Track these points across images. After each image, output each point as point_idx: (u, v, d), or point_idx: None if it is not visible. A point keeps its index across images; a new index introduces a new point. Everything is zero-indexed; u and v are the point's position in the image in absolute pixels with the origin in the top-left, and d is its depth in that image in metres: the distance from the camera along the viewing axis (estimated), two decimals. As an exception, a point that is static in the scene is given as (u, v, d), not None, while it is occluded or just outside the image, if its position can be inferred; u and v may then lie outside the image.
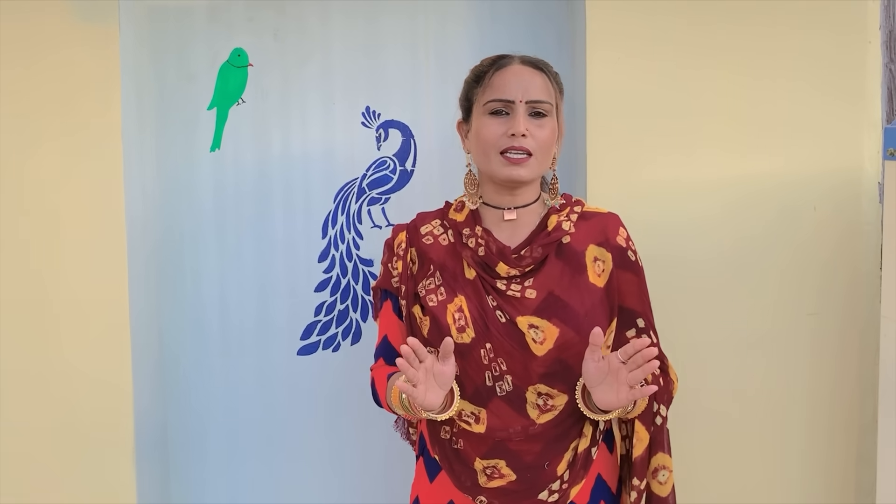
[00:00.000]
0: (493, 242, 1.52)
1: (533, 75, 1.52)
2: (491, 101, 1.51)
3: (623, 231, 1.58)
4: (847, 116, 1.92)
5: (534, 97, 1.50)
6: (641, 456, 1.52)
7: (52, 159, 1.93)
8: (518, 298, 1.49)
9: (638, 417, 1.52)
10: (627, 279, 1.55)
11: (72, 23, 1.90)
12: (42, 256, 1.95)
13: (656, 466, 1.54)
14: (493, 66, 1.53)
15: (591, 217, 1.58)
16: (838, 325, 1.95)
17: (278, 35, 2.11)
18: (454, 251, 1.56)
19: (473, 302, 1.50)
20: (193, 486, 2.21)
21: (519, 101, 1.49)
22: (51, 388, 1.96)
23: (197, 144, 2.14)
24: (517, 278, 1.51)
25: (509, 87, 1.50)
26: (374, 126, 2.15)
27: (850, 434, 1.96)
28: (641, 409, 1.51)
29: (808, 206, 1.93)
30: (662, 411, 1.54)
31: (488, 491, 1.49)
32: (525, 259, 1.51)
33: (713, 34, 1.91)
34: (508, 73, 1.52)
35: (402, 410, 1.50)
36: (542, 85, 1.51)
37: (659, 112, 1.92)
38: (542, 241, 1.52)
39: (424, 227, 1.61)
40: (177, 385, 2.19)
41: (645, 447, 1.52)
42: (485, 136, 1.50)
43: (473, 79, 1.56)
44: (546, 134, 1.51)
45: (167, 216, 2.15)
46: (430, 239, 1.59)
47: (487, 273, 1.52)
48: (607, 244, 1.55)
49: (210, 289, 2.17)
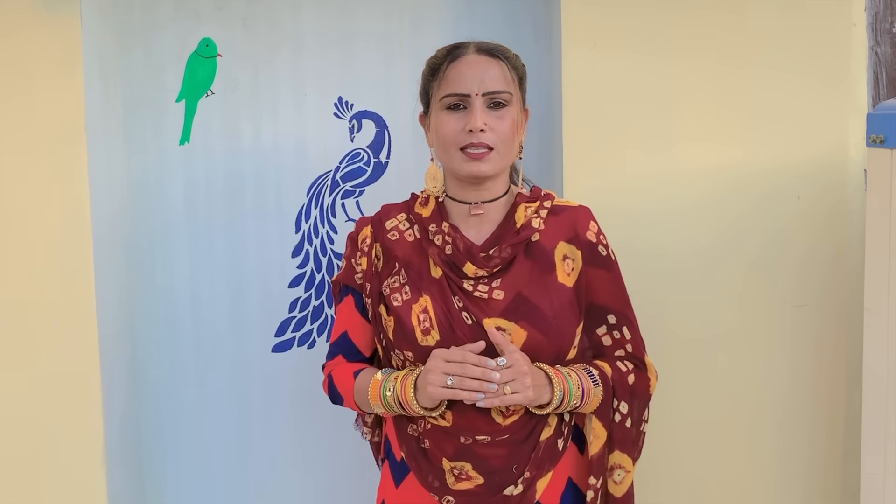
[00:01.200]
0: (461, 240, 1.47)
1: (489, 64, 1.45)
2: (446, 95, 1.45)
3: (594, 225, 1.53)
4: (831, 102, 1.86)
5: (490, 88, 1.44)
6: (598, 453, 1.47)
7: (12, 154, 1.88)
8: (485, 300, 1.45)
9: (595, 413, 1.47)
10: (598, 275, 1.50)
11: (32, 12, 1.85)
12: (4, 254, 1.90)
13: (612, 465, 1.49)
14: (447, 58, 1.47)
15: (561, 212, 1.53)
16: (824, 317, 1.90)
17: (247, 23, 2.06)
18: (420, 248, 1.51)
19: (439, 303, 1.45)
20: (168, 486, 2.17)
21: (475, 95, 1.43)
22: (17, 387, 1.92)
23: (165, 138, 2.09)
24: (484, 279, 1.46)
25: (464, 79, 1.44)
26: (346, 117, 2.10)
27: (835, 430, 1.92)
28: (595, 404, 1.46)
29: (792, 195, 1.88)
30: (622, 408, 1.48)
31: (456, 493, 1.45)
32: (493, 259, 1.46)
33: (689, 20, 1.86)
34: (463, 65, 1.45)
35: (381, 409, 1.46)
36: (498, 74, 1.45)
37: (636, 103, 1.87)
38: (510, 241, 1.47)
39: (389, 221, 1.56)
40: (149, 383, 2.15)
41: (602, 444, 1.47)
42: (443, 132, 1.45)
43: (429, 72, 1.51)
44: (506, 125, 1.45)
45: (136, 211, 2.10)
46: (395, 234, 1.54)
47: (454, 272, 1.47)
48: (577, 240, 1.50)
49: (182, 285, 2.13)
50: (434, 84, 1.48)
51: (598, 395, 1.46)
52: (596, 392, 1.45)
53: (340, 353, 1.59)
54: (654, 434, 1.60)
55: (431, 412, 1.42)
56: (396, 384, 1.43)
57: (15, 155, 1.89)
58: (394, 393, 1.43)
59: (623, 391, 1.48)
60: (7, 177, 1.89)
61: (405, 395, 1.42)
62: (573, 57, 1.87)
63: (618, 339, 1.52)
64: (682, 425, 1.90)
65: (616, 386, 1.48)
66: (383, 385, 1.45)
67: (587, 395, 1.44)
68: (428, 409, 1.42)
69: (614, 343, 1.52)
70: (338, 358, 1.59)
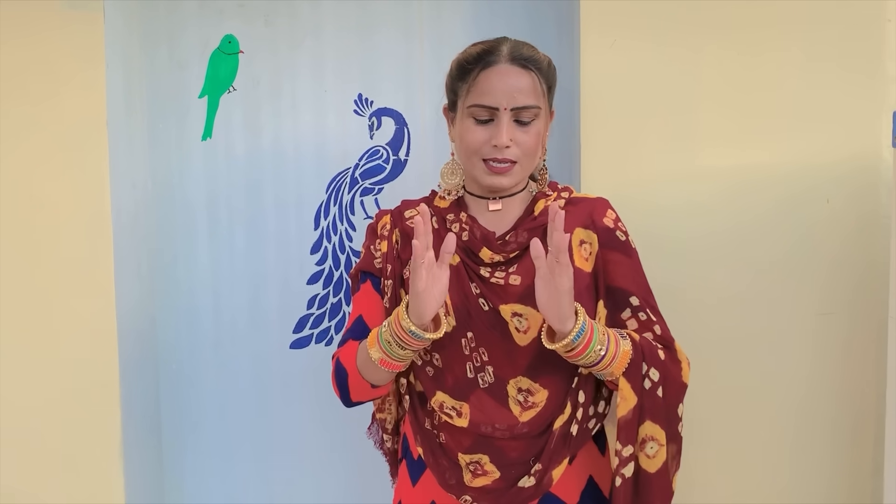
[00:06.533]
0: (478, 228, 1.47)
1: (520, 77, 1.41)
2: (474, 105, 1.42)
3: (611, 213, 1.50)
4: (863, 101, 1.77)
5: (519, 104, 1.40)
6: (626, 418, 1.37)
7: (36, 149, 1.92)
8: (502, 286, 1.43)
9: (623, 374, 1.37)
10: (615, 259, 1.46)
11: (55, 10, 1.88)
12: (25, 248, 1.94)
13: (644, 437, 1.39)
14: (478, 64, 1.43)
15: (579, 202, 1.51)
16: (852, 326, 1.80)
17: (269, 20, 2.07)
18: (438, 237, 1.49)
19: (456, 289, 1.44)
20: (186, 481, 2.19)
21: (503, 109, 1.40)
22: (36, 382, 1.96)
23: (188, 133, 2.11)
24: (501, 265, 1.45)
25: (495, 92, 1.40)
26: (366, 114, 2.09)
27: (863, 443, 1.82)
28: (624, 361, 1.37)
29: (821, 197, 1.79)
30: (653, 375, 1.39)
31: (473, 490, 1.43)
32: (510, 244, 1.45)
33: (712, 14, 1.79)
34: (494, 76, 1.41)
35: (379, 353, 1.37)
36: (529, 87, 1.41)
37: (657, 99, 1.81)
38: (527, 226, 1.46)
39: (409, 211, 1.56)
40: (169, 379, 2.17)
41: (631, 408, 1.37)
42: (468, 142, 1.43)
43: (458, 72, 1.46)
44: (531, 139, 1.42)
45: (157, 207, 2.13)
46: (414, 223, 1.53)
47: (471, 259, 1.46)
48: (593, 225, 1.47)
49: (202, 280, 2.15)
50: (462, 87, 1.45)
51: (627, 349, 1.37)
52: (624, 346, 1.36)
53: (352, 338, 1.50)
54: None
55: (427, 334, 1.35)
56: (391, 317, 1.38)
57: (39, 150, 1.92)
58: (389, 327, 1.37)
59: (653, 358, 1.39)
60: (31, 172, 1.93)
61: (398, 315, 1.35)
62: (592, 52, 1.82)
63: (644, 320, 1.45)
64: (696, 435, 1.83)
65: (645, 350, 1.39)
66: (380, 327, 1.40)
67: (614, 348, 1.36)
68: (426, 332, 1.35)
69: (640, 326, 1.45)
70: (349, 343, 1.51)
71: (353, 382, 1.45)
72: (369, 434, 1.68)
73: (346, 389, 1.47)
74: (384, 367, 1.39)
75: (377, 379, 1.44)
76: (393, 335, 1.36)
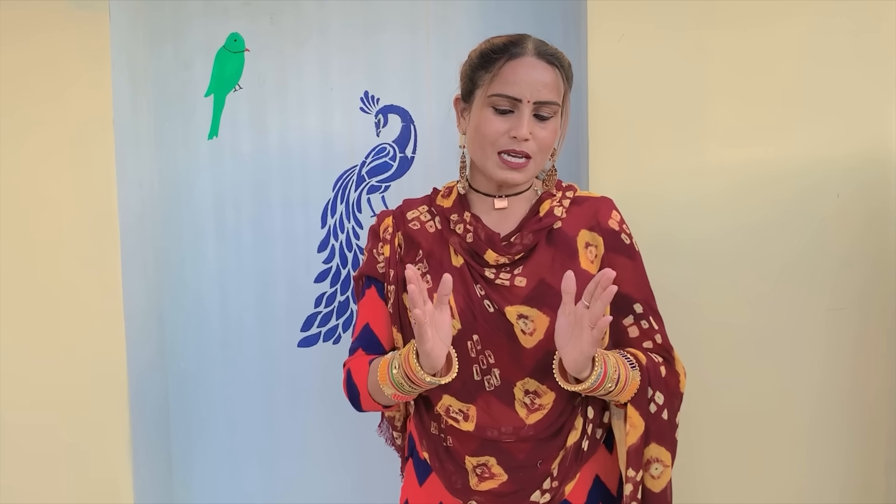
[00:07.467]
0: (482, 229, 1.46)
1: (545, 71, 1.40)
2: (497, 94, 1.40)
3: (616, 214, 1.49)
4: (874, 95, 1.76)
5: (543, 98, 1.39)
6: (635, 445, 1.40)
7: (43, 148, 1.92)
8: (507, 287, 1.42)
9: (631, 402, 1.40)
10: (621, 263, 1.45)
11: (61, 10, 1.88)
12: (33, 247, 1.94)
13: (649, 458, 1.42)
14: (505, 54, 1.41)
15: (584, 202, 1.50)
16: (863, 322, 1.79)
17: (274, 18, 2.06)
18: (441, 238, 1.49)
19: (460, 291, 1.43)
20: (195, 479, 2.19)
21: (527, 101, 1.39)
22: (44, 381, 1.95)
23: (194, 132, 2.11)
24: (506, 266, 1.44)
25: (520, 83, 1.39)
26: (372, 112, 2.08)
27: (877, 440, 1.81)
28: (632, 390, 1.39)
29: (831, 192, 1.78)
30: (658, 399, 1.41)
31: (479, 494, 1.42)
32: (515, 246, 1.44)
33: (720, 9, 1.78)
34: (521, 67, 1.40)
35: (392, 390, 1.38)
36: (552, 83, 1.40)
37: (665, 94, 1.80)
38: (532, 227, 1.45)
39: (411, 212, 1.55)
40: (177, 378, 2.17)
41: (639, 435, 1.40)
42: (485, 131, 1.41)
43: (481, 61, 1.44)
44: (548, 135, 1.41)
45: (164, 205, 2.12)
46: (416, 224, 1.52)
47: (475, 261, 1.45)
48: (599, 228, 1.46)
49: (209, 279, 2.15)
50: (485, 76, 1.42)
51: (636, 380, 1.39)
52: (634, 377, 1.38)
53: (361, 347, 1.53)
54: (683, 438, 1.52)
55: (441, 379, 1.35)
56: (401, 358, 1.37)
57: (45, 149, 1.92)
58: (400, 370, 1.36)
59: (657, 381, 1.42)
60: (37, 172, 1.93)
61: (409, 363, 1.34)
62: (600, 48, 1.81)
63: (645, 329, 1.46)
64: (709, 434, 1.82)
65: (651, 375, 1.41)
66: (391, 363, 1.38)
67: (624, 380, 1.37)
68: (435, 376, 1.35)
69: (642, 334, 1.46)
70: (358, 352, 1.53)
71: (364, 400, 1.48)
72: (380, 432, 1.67)
73: (357, 403, 1.50)
74: (397, 399, 1.42)
75: (389, 402, 1.46)
76: (405, 379, 1.36)
